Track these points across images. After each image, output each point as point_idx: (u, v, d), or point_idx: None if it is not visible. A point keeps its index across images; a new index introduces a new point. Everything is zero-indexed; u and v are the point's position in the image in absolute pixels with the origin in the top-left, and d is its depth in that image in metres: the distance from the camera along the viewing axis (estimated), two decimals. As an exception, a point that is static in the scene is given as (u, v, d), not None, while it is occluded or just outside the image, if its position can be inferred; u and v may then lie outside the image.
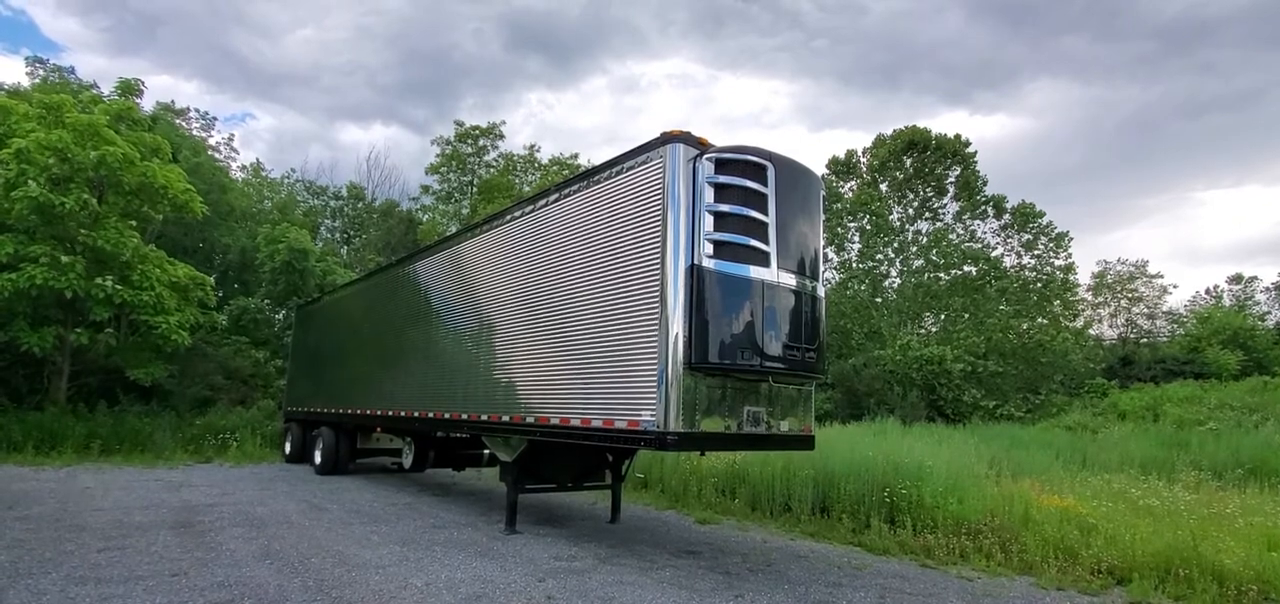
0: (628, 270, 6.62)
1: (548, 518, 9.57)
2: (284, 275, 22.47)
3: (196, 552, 6.85)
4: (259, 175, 33.55)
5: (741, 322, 6.32)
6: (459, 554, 7.17)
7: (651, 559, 7.27)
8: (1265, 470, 13.56)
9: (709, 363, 6.20)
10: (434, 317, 10.24)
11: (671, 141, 6.44)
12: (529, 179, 34.38)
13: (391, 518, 9.16)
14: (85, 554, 6.62)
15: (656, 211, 6.41)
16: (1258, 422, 17.24)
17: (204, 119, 27.55)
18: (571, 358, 7.20)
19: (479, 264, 9.22)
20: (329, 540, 7.60)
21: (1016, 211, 29.31)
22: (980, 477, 10.53)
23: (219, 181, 24.21)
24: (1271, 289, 43.44)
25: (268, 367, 20.75)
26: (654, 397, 6.16)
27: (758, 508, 10.47)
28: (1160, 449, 16.00)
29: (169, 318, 16.48)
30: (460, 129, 31.84)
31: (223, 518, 8.72)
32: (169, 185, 16.84)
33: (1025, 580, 7.05)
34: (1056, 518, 8.57)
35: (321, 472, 13.84)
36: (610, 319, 6.75)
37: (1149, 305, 44.65)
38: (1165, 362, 27.87)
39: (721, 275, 6.28)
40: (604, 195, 7.06)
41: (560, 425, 7.28)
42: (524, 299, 8.16)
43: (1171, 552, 7.01)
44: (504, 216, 8.80)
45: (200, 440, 16.73)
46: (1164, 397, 20.62)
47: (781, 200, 6.53)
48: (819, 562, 7.54)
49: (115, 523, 8.15)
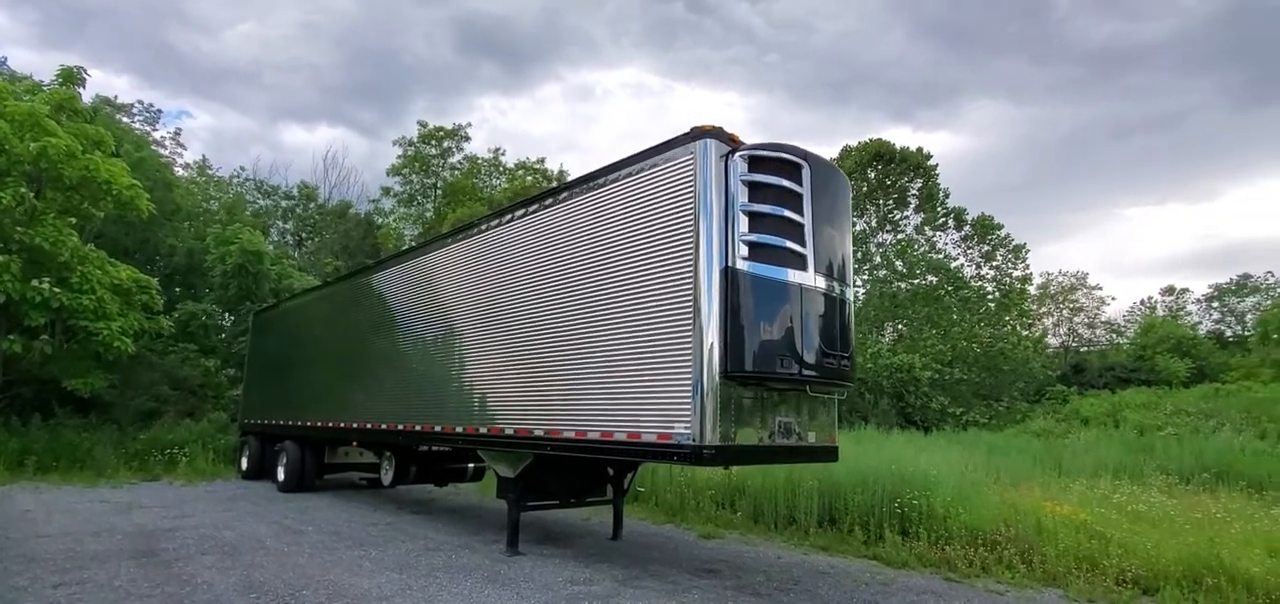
0: (655, 273, 6.21)
1: (546, 537, 9.03)
2: (236, 279, 21.12)
3: (167, 586, 6.09)
4: (205, 173, 31.72)
5: (779, 327, 5.99)
6: (465, 580, 6.60)
7: (673, 581, 6.85)
8: (1231, 474, 14.04)
9: (745, 371, 5.84)
10: (423, 323, 9.58)
11: (702, 137, 6.08)
12: (493, 183, 33.56)
13: (377, 540, 8.47)
14: (40, 591, 5.80)
15: (688, 211, 6.03)
16: (1214, 427, 17.96)
17: (147, 112, 25.83)
18: (589, 367, 6.73)
19: (477, 266, 8.64)
20: (315, 569, 6.91)
21: (976, 223, 30.15)
22: (978, 484, 10.47)
23: (164, 179, 22.64)
24: (1202, 301, 46.14)
25: (218, 376, 19.40)
26: (688, 408, 5.76)
27: (760, 521, 10.16)
28: (1127, 454, 16.45)
29: (111, 324, 15.16)
30: (423, 130, 30.82)
31: (188, 544, 7.88)
32: (113, 181, 15.53)
33: (1054, 593, 6.92)
34: (1064, 526, 8.55)
35: (286, 489, 12.89)
36: (635, 325, 6.32)
37: (1088, 315, 46.76)
38: (1115, 369, 29.02)
39: (758, 278, 5.94)
40: (625, 194, 6.63)
41: (575, 439, 6.80)
42: (530, 304, 7.64)
43: (1195, 560, 6.99)
44: (507, 215, 8.27)
45: (145, 456, 15.44)
46: (1122, 403, 21.37)
47: (816, 200, 6.24)
48: (842, 577, 7.26)
49: (67, 552, 7.25)
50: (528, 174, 30.98)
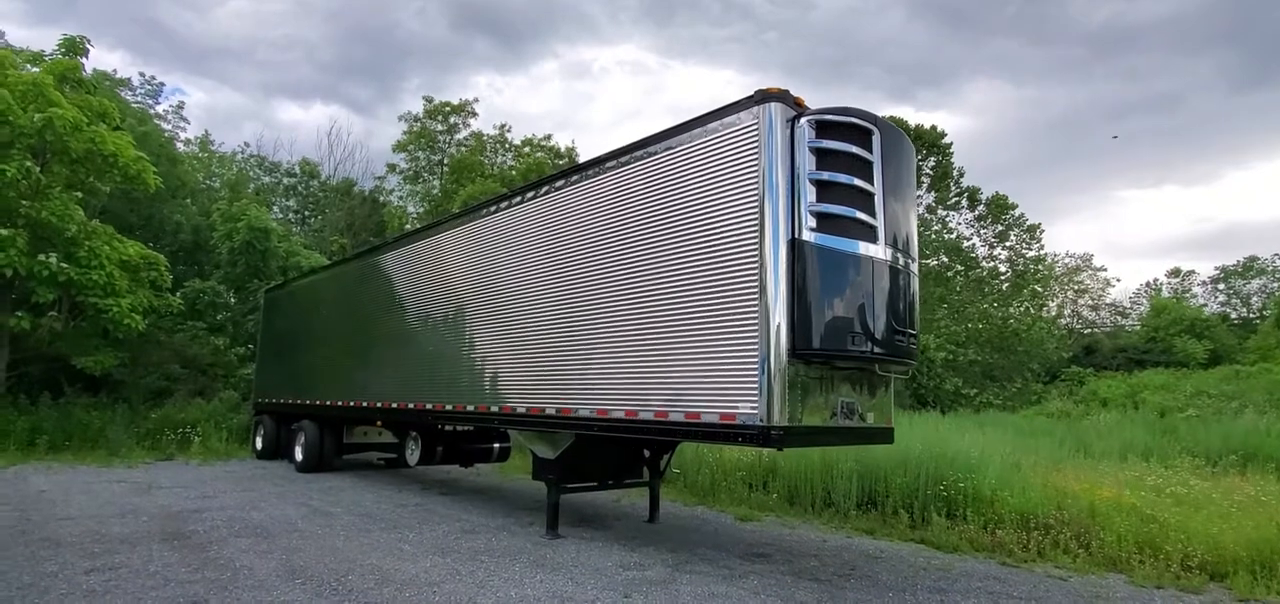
0: (716, 245, 5.89)
1: (581, 520, 8.79)
2: (243, 256, 20.74)
3: (206, 571, 5.82)
4: (207, 149, 31.14)
5: (848, 303, 5.69)
6: (512, 564, 6.34)
7: (726, 566, 6.60)
8: (1260, 456, 13.86)
9: (812, 349, 5.55)
10: (456, 299, 9.24)
11: (768, 100, 5.74)
12: (499, 160, 33.03)
13: (410, 522, 8.22)
14: (72, 576, 5.52)
15: (752, 180, 5.70)
16: (1237, 409, 17.79)
17: (149, 85, 25.21)
18: (641, 344, 6.43)
19: (515, 239, 8.28)
20: (354, 552, 6.65)
21: (991, 203, 29.79)
22: (1019, 467, 10.24)
23: (167, 154, 22.12)
24: (1208, 283, 45.98)
25: (228, 354, 19.08)
26: (754, 387, 5.47)
27: (796, 503, 9.93)
28: (1152, 436, 16.27)
29: (120, 301, 14.83)
30: (429, 105, 30.21)
31: (217, 526, 7.62)
32: (119, 154, 15.11)
33: (1119, 578, 6.69)
34: (1114, 510, 8.33)
35: (304, 469, 12.64)
36: (693, 300, 6.01)
37: (1093, 297, 46.59)
38: (1127, 350, 28.84)
39: (827, 251, 5.63)
40: (682, 161, 6.29)
41: (625, 419, 6.52)
42: (574, 278, 7.32)
43: (1264, 545, 6.77)
44: (550, 185, 7.91)
45: (157, 435, 15.17)
46: (1140, 384, 21.19)
47: (885, 168, 5.91)
48: (897, 562, 7.03)
49: (93, 535, 6.98)
50: (535, 151, 30.45)
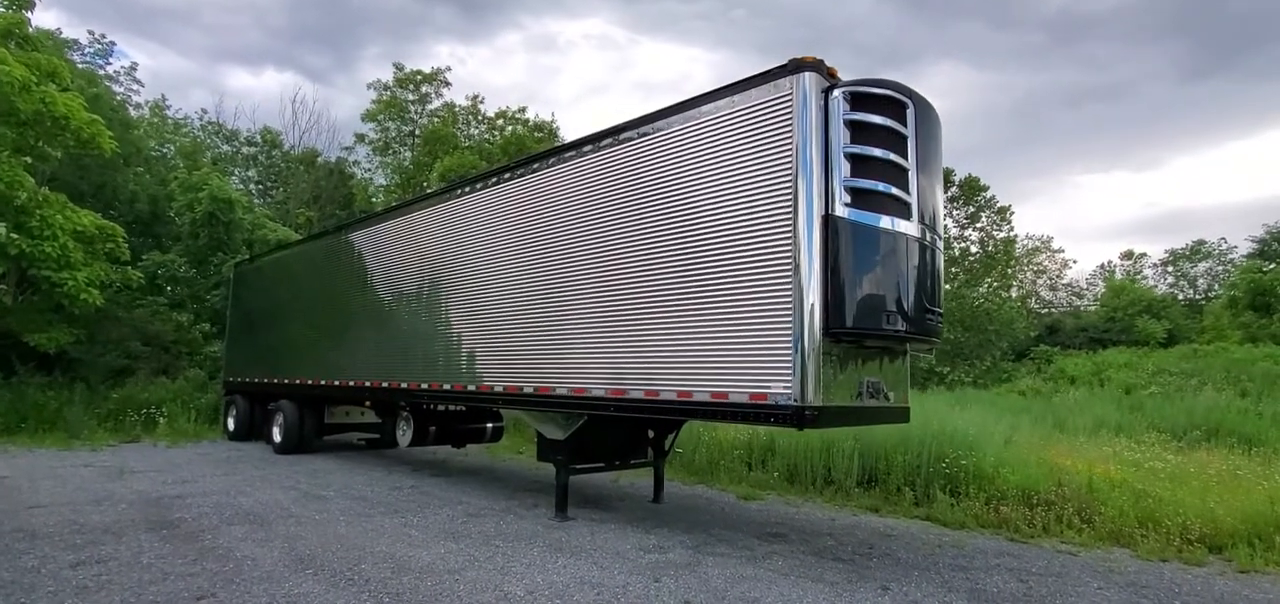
0: (746, 220, 5.70)
1: (584, 501, 8.60)
2: (206, 229, 19.75)
3: (205, 562, 5.46)
4: (160, 114, 29.48)
5: (881, 281, 5.58)
6: (528, 549, 6.13)
7: (746, 547, 6.51)
8: (1222, 430, 14.47)
9: (846, 328, 5.44)
10: (457, 275, 8.86)
11: (802, 70, 5.54)
12: (472, 132, 32.16)
13: (411, 506, 7.92)
14: (57, 571, 5.12)
15: (785, 152, 5.51)
16: (1196, 386, 18.54)
17: (100, 44, 23.63)
18: (662, 322, 6.23)
19: (523, 210, 7.93)
20: (360, 538, 6.35)
21: (964, 184, 30.30)
22: (1012, 443, 10.43)
23: (120, 118, 20.82)
24: (1158, 265, 47.95)
25: (193, 331, 18.21)
26: (788, 367, 5.34)
27: (796, 481, 9.92)
28: (1120, 413, 16.83)
29: (76, 274, 13.95)
30: (400, 73, 29.09)
31: (205, 513, 7.21)
32: (72, 116, 14.13)
33: (1124, 552, 6.84)
34: (1110, 485, 8.54)
35: (283, 451, 12.14)
36: (720, 276, 5.83)
37: (1051, 278, 48.10)
38: (1088, 330, 29.85)
39: (861, 227, 5.50)
40: (709, 131, 6.06)
41: (644, 399, 6.33)
42: (588, 253, 7.05)
43: (1258, 518, 6.99)
44: (558, 156, 7.58)
45: (119, 416, 14.42)
46: (1105, 363, 21.95)
47: (919, 142, 5.79)
48: (910, 540, 7.05)
49: (70, 525, 6.51)
50: (509, 124, 29.69)
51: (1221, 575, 6.19)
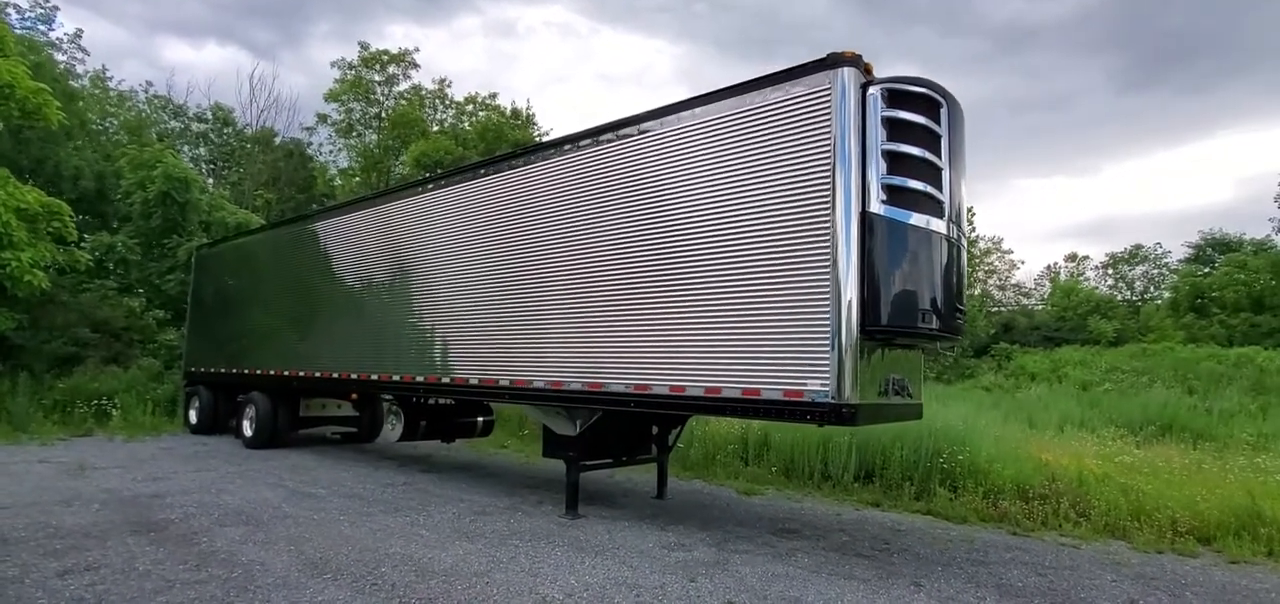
0: (782, 215, 5.62)
1: (587, 498, 8.38)
2: (159, 209, 18.64)
3: (209, 568, 5.09)
4: (101, 85, 27.65)
5: (915, 279, 5.58)
6: (551, 549, 5.94)
7: (767, 543, 6.46)
8: (1175, 426, 15.25)
9: (881, 325, 5.42)
10: (459, 264, 8.50)
11: (841, 65, 5.48)
12: (439, 117, 31.30)
13: (411, 504, 7.61)
14: (44, 581, 4.68)
15: (824, 147, 5.45)
16: (1147, 383, 19.50)
17: (42, 7, 21.95)
18: (690, 317, 6.10)
19: (534, 197, 7.64)
20: (368, 539, 6.05)
21: (927, 185, 31.00)
22: (1000, 439, 10.71)
23: (64, 89, 19.45)
24: (1099, 267, 50.40)
25: (145, 318, 17.17)
26: (825, 364, 5.29)
27: (793, 476, 9.96)
28: (1079, 408, 17.55)
29: (19, 254, 12.96)
30: (366, 53, 28.02)
31: (191, 514, 6.75)
32: (16, 84, 13.11)
33: (1121, 545, 7.06)
34: (1096, 480, 8.84)
35: (254, 445, 11.54)
36: (753, 271, 5.74)
37: (1001, 278, 50.03)
38: (1041, 329, 31.07)
39: (897, 224, 5.49)
40: (744, 123, 5.94)
41: (670, 395, 6.20)
42: (607, 244, 6.85)
43: (1240, 511, 7.33)
44: (574, 144, 7.33)
45: (68, 407, 13.51)
46: (1062, 360, 22.88)
47: (952, 142, 5.82)
48: (920, 535, 7.13)
49: (43, 528, 6.00)
50: (480, 109, 28.98)
51: (1215, 566, 6.45)
